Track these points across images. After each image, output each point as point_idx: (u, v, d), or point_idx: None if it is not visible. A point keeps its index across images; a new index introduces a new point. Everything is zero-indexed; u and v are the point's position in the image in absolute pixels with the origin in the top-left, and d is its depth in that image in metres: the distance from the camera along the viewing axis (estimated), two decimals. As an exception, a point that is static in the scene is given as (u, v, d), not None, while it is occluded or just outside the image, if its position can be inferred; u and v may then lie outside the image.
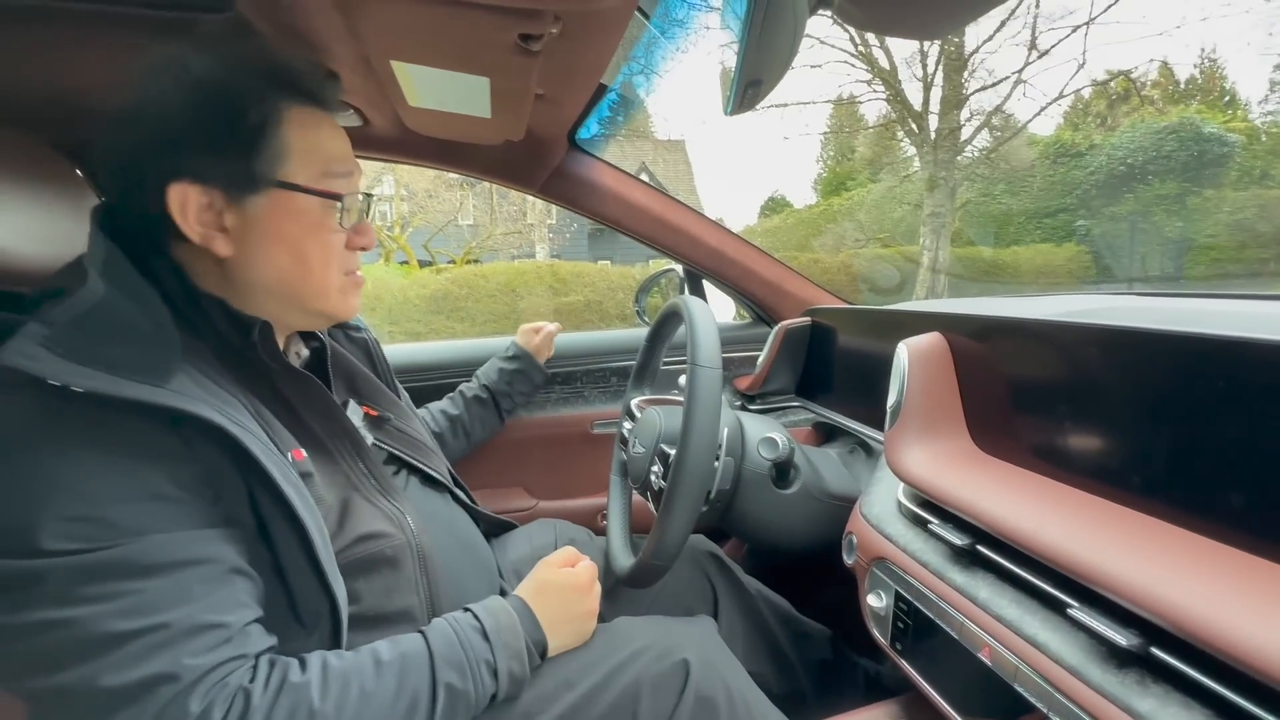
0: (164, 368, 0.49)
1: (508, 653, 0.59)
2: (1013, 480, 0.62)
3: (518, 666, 0.59)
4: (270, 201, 0.57)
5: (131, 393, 0.46)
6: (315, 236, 0.59)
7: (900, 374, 0.75)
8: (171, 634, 0.45)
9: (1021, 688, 0.49)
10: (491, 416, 1.14)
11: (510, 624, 0.61)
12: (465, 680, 0.56)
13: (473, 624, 0.60)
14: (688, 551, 0.96)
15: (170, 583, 0.46)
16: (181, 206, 0.54)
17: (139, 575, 0.45)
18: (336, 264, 0.62)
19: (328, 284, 0.62)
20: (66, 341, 0.47)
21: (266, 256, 0.58)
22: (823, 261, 9.71)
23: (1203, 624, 0.38)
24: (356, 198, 0.63)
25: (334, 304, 0.63)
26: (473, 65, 0.70)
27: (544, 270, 8.11)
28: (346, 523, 0.61)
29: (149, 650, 0.44)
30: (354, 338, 0.85)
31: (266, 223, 0.57)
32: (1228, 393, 0.46)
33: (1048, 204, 11.14)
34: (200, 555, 0.48)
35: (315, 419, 0.64)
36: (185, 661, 0.45)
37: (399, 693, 0.52)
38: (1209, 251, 9.29)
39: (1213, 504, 0.46)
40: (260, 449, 0.51)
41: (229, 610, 0.49)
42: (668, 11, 0.99)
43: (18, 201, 0.70)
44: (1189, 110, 11.24)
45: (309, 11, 0.61)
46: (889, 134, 12.47)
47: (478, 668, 0.57)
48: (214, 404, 0.50)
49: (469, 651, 0.57)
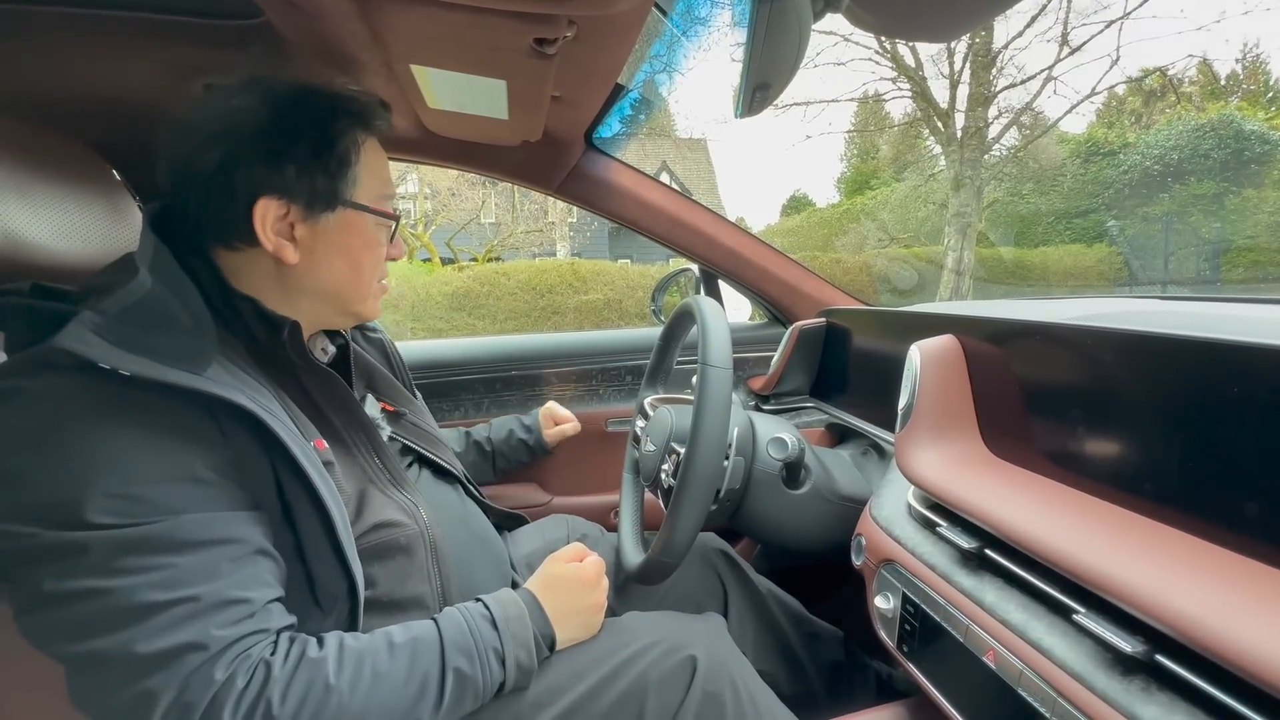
0: (202, 357, 0.52)
1: (516, 643, 0.60)
2: (1023, 484, 0.61)
3: (525, 657, 0.61)
4: (340, 219, 0.63)
5: (173, 378, 0.49)
6: (371, 250, 0.67)
7: (912, 376, 0.75)
8: (200, 606, 0.48)
9: (1026, 693, 0.49)
10: (485, 465, 1.14)
11: (519, 615, 0.63)
12: (474, 666, 0.57)
13: (483, 613, 0.62)
14: (698, 550, 0.97)
15: (201, 559, 0.49)
16: (262, 217, 0.59)
17: (173, 551, 0.48)
18: (379, 273, 0.69)
19: (370, 290, 0.69)
20: (116, 329, 0.50)
21: (329, 266, 0.64)
22: (844, 261, 9.61)
23: (1208, 632, 0.38)
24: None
25: (368, 307, 0.70)
26: (489, 69, 0.72)
27: (564, 268, 8.15)
28: (363, 511, 0.63)
29: (179, 621, 0.47)
30: (371, 338, 0.88)
31: (334, 237, 0.63)
32: (1242, 399, 0.45)
33: (1078, 204, 10.89)
34: (229, 535, 0.51)
35: (335, 413, 0.67)
36: (213, 633, 0.47)
37: (410, 674, 0.54)
38: (1248, 254, 8.99)
39: (1224, 511, 0.46)
40: (288, 435, 0.54)
41: (253, 588, 0.51)
42: (688, 10, 1.00)
43: (57, 200, 0.73)
44: (1229, 107, 10.88)
45: (333, 18, 0.63)
46: (914, 132, 12.28)
47: (486, 655, 0.58)
48: (246, 392, 0.54)
49: (478, 639, 0.59)
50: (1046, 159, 10.65)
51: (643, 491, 1.03)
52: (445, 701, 0.55)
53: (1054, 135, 10.59)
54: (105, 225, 0.78)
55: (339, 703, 0.50)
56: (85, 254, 0.73)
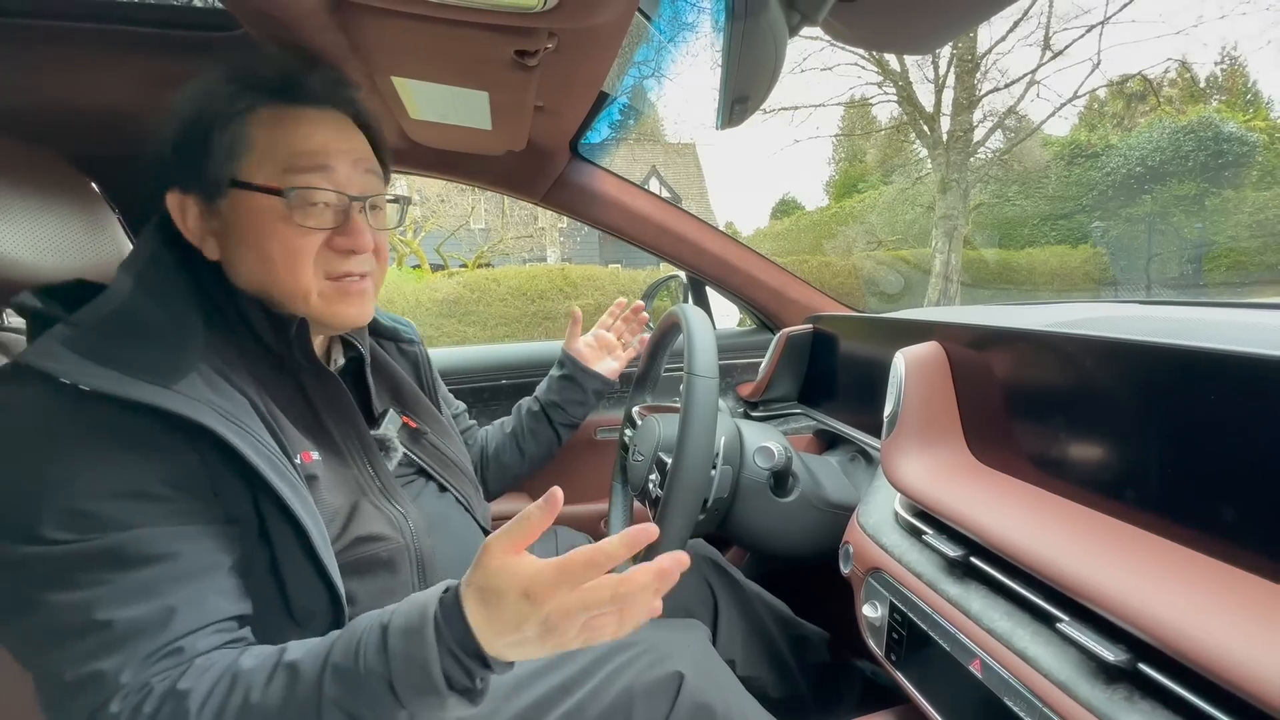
0: (175, 369, 0.51)
1: (409, 665, 0.46)
2: (1008, 492, 0.62)
3: (421, 679, 0.46)
4: (232, 203, 0.58)
5: (135, 394, 0.48)
6: (276, 237, 0.58)
7: (897, 383, 0.75)
8: (116, 635, 0.46)
9: (1011, 701, 0.49)
10: (545, 430, 1.05)
11: (418, 627, 0.47)
12: (354, 696, 0.46)
13: (381, 623, 0.48)
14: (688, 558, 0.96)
15: (141, 577, 0.48)
16: (180, 213, 0.58)
17: (114, 567, 0.47)
18: (309, 266, 0.59)
19: (301, 287, 0.59)
20: (87, 342, 0.49)
21: (239, 258, 0.59)
22: (833, 265, 9.66)
23: (1187, 640, 0.38)
24: (331, 194, 0.59)
25: (316, 309, 0.61)
26: (471, 80, 0.72)
27: (555, 274, 8.15)
28: (350, 525, 0.61)
29: (95, 650, 0.46)
30: (406, 351, 0.85)
31: (234, 225, 0.58)
32: (1220, 406, 0.45)
33: (1063, 206, 11.02)
34: (175, 551, 0.49)
35: (334, 421, 0.65)
36: (122, 667, 0.46)
37: (285, 704, 0.46)
38: (1229, 254, 9.13)
39: (1205, 518, 0.46)
40: (256, 451, 0.52)
41: (189, 608, 0.49)
42: (673, 16, 0.99)
43: (33, 213, 0.72)
44: (1208, 110, 11.07)
45: (311, 31, 0.63)
46: (901, 136, 12.40)
47: (368, 682, 0.46)
48: (219, 405, 0.52)
49: (362, 661, 0.46)
50: (1031, 161, 10.78)
51: (632, 500, 1.02)
52: None
53: (1038, 138, 10.72)
54: (83, 237, 0.77)
55: None
56: (63, 267, 0.72)
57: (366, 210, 0.63)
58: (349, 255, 0.61)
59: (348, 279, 0.62)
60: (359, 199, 0.61)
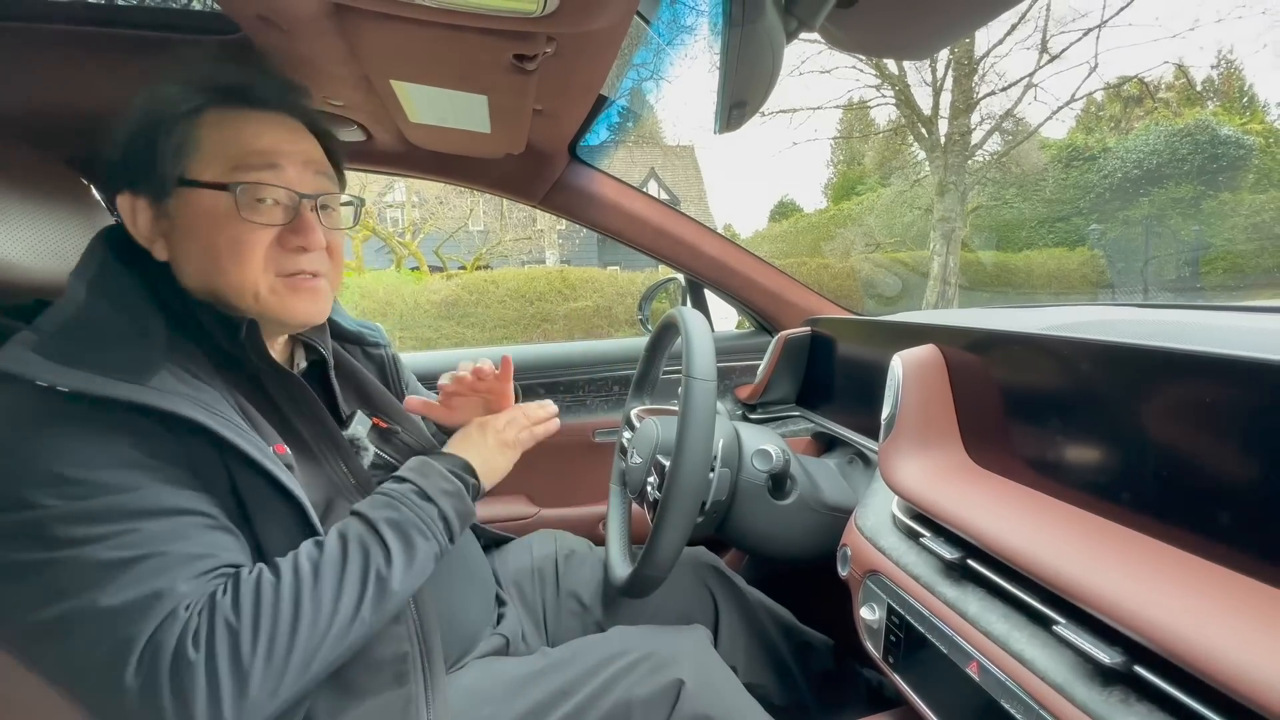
0: (146, 368, 0.52)
1: (425, 478, 0.65)
2: (1005, 494, 0.62)
3: (442, 482, 0.65)
4: (180, 202, 0.58)
5: (113, 391, 0.49)
6: (224, 233, 0.58)
7: (895, 386, 0.76)
8: (168, 560, 0.48)
9: (1007, 703, 0.49)
10: None
11: (418, 465, 0.67)
12: (399, 510, 0.60)
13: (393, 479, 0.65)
14: (688, 563, 0.96)
15: (167, 524, 0.49)
16: (131, 215, 0.59)
17: (135, 518, 0.48)
18: (257, 262, 0.59)
19: (248, 283, 0.59)
20: (56, 346, 0.50)
21: (188, 257, 0.60)
22: (832, 267, 9.68)
23: (1182, 643, 0.38)
24: (280, 190, 0.59)
25: (265, 305, 0.61)
26: (470, 84, 0.72)
27: (554, 275, 8.15)
28: (327, 520, 0.61)
29: (145, 575, 0.47)
30: (371, 354, 0.85)
31: (181, 223, 0.59)
32: (1216, 410, 0.46)
33: (1060, 208, 11.05)
34: (194, 507, 0.51)
35: (303, 422, 0.65)
36: (179, 586, 0.47)
37: (344, 547, 0.56)
38: (1226, 257, 9.17)
39: (1200, 521, 0.46)
40: (239, 435, 0.53)
41: (220, 551, 0.51)
42: (672, 19, 0.99)
43: (31, 216, 0.72)
44: (1205, 113, 11.11)
45: (310, 35, 0.63)
46: (899, 139, 12.43)
47: (406, 498, 0.62)
48: (196, 398, 0.53)
49: (394, 489, 0.63)
50: (1028, 164, 10.80)
51: (630, 503, 1.02)
52: (392, 552, 0.57)
53: (1035, 141, 10.74)
54: (81, 241, 0.77)
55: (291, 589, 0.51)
56: (60, 270, 0.72)
57: (318, 209, 0.63)
58: (300, 253, 0.61)
59: (299, 276, 0.62)
60: (309, 197, 0.61)
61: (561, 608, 0.90)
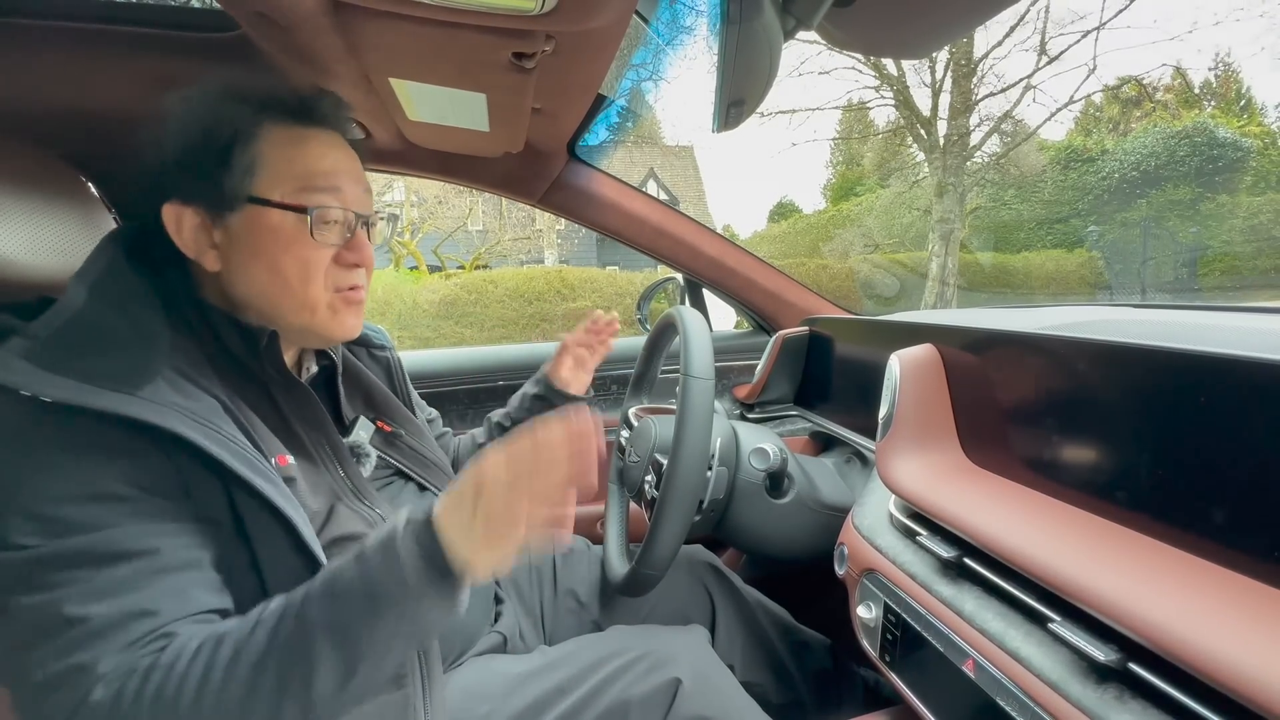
0: (138, 375, 0.50)
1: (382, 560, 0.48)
2: (1001, 493, 0.62)
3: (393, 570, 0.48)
4: (246, 218, 0.59)
5: (98, 402, 0.47)
6: (291, 252, 0.60)
7: (892, 385, 0.76)
8: (95, 627, 0.45)
9: (1003, 701, 0.49)
10: None
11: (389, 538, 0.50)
12: (339, 609, 0.48)
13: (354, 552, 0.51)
14: (686, 562, 0.96)
15: (116, 573, 0.47)
16: (177, 225, 0.58)
17: (88, 565, 0.46)
18: (320, 280, 0.62)
19: (310, 300, 0.61)
20: (47, 352, 0.49)
21: (247, 272, 0.60)
22: (830, 267, 9.68)
23: (1180, 642, 0.38)
24: (341, 212, 0.62)
25: (322, 321, 0.63)
26: (469, 82, 0.72)
27: (552, 275, 8.15)
28: (328, 526, 0.61)
29: (75, 643, 0.45)
30: (377, 356, 0.85)
31: (245, 239, 0.59)
32: (1212, 409, 0.46)
33: (1059, 210, 11.07)
34: (148, 548, 0.48)
35: (305, 429, 0.65)
36: (102, 657, 0.45)
37: (271, 641, 0.47)
38: (1224, 259, 9.19)
39: (1195, 519, 0.46)
40: (229, 451, 0.52)
41: (165, 601, 0.48)
42: (671, 19, 0.99)
43: (28, 214, 0.72)
44: (1203, 115, 11.14)
45: (308, 32, 0.63)
46: (898, 140, 12.45)
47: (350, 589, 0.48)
48: (187, 409, 0.51)
49: (341, 576, 0.49)
50: (1027, 166, 10.82)
51: (628, 502, 1.03)
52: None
53: (1034, 142, 10.76)
54: (80, 239, 0.77)
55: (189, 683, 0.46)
56: (59, 268, 0.72)
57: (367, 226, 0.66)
58: (354, 269, 0.64)
59: (352, 291, 0.65)
60: (363, 216, 0.64)
61: (559, 606, 0.90)
